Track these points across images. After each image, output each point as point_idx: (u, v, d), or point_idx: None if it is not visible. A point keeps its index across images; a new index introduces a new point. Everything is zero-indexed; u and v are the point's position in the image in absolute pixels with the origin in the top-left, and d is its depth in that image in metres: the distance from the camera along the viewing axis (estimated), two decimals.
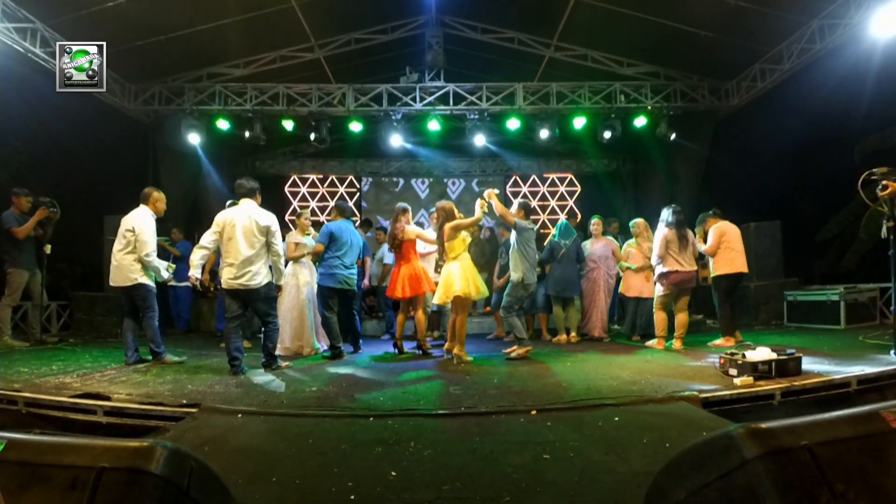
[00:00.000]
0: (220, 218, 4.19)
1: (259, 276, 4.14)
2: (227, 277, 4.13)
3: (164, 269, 4.62)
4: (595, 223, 6.27)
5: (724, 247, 5.20)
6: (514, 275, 4.82)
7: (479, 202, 4.71)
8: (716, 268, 5.26)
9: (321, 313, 5.10)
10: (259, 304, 4.22)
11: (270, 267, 4.32)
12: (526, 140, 10.17)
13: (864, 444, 1.09)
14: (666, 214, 5.14)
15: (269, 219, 4.23)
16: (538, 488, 1.89)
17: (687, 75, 7.86)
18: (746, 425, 1.14)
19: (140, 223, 4.43)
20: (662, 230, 5.11)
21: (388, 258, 6.54)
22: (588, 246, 6.20)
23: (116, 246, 4.48)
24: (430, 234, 5.39)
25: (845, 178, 6.14)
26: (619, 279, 6.47)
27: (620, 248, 6.32)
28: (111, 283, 4.59)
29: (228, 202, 4.80)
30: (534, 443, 2.38)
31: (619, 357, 4.75)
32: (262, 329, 4.36)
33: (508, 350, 5.07)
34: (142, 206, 4.56)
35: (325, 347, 5.31)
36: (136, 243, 4.39)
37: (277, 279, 4.37)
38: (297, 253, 5.21)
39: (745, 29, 6.40)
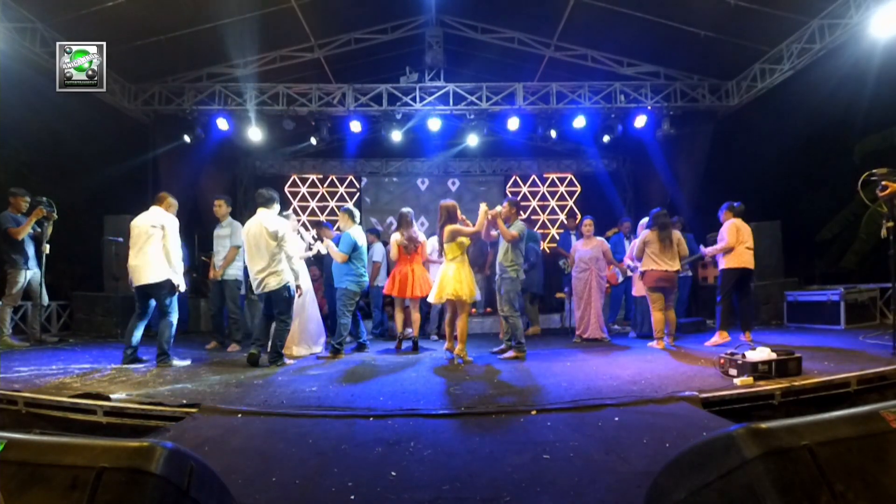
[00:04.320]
0: (244, 229, 4.69)
1: (277, 278, 4.49)
2: (252, 282, 4.60)
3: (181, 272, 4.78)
4: (587, 224, 6.23)
5: (739, 242, 5.26)
6: (512, 272, 4.77)
7: (483, 208, 4.72)
8: (726, 261, 5.30)
9: (341, 314, 5.11)
10: (277, 304, 4.57)
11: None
12: (526, 140, 10.19)
13: (864, 444, 1.09)
14: (652, 216, 5.33)
15: (278, 224, 4.53)
16: (538, 488, 1.89)
17: (687, 75, 7.86)
18: (746, 425, 1.14)
19: (169, 221, 4.51)
20: (643, 231, 5.34)
21: (377, 257, 6.73)
22: (579, 247, 6.19)
23: (140, 243, 4.41)
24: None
25: (845, 178, 6.15)
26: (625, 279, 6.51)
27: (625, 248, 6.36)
28: (136, 283, 4.44)
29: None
30: (534, 443, 2.38)
31: (619, 357, 4.75)
32: (274, 326, 4.65)
33: (498, 350, 5.09)
34: (157, 207, 4.59)
35: (319, 348, 5.39)
36: (166, 239, 4.44)
37: (295, 279, 4.61)
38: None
39: (745, 29, 6.39)
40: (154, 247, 4.42)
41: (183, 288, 4.65)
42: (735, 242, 5.24)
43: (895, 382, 3.30)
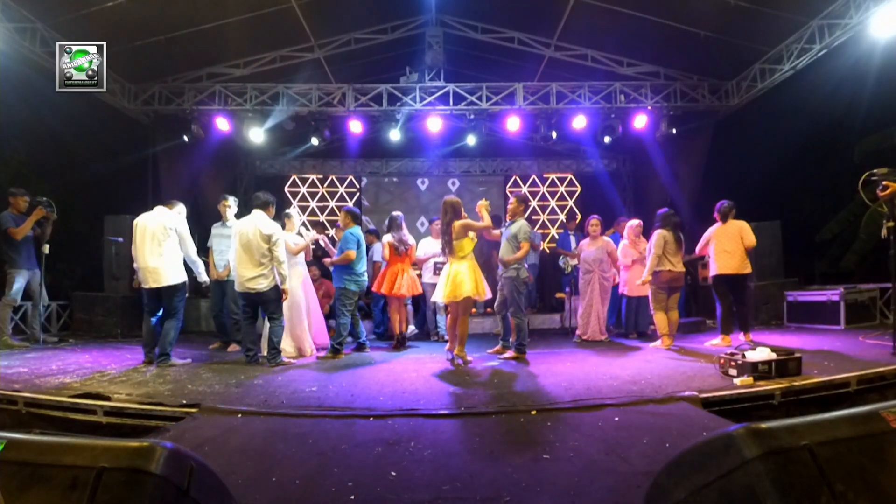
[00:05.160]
0: (236, 228, 4.67)
1: (266, 280, 4.55)
2: (239, 281, 4.58)
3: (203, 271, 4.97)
4: (594, 223, 6.19)
5: (715, 248, 5.25)
6: (512, 271, 4.75)
7: (481, 205, 4.74)
8: (711, 267, 5.33)
9: (340, 314, 5.12)
10: (267, 304, 4.65)
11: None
12: (526, 140, 10.19)
13: (864, 444, 1.09)
14: (662, 216, 5.30)
15: (272, 228, 4.58)
16: (538, 488, 1.89)
17: (687, 75, 7.86)
18: (746, 425, 1.14)
19: (180, 224, 4.59)
20: (659, 231, 5.25)
21: (377, 257, 6.74)
22: (585, 247, 6.18)
23: (155, 244, 4.42)
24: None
25: (845, 178, 6.15)
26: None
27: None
28: (153, 285, 4.44)
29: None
30: (534, 443, 2.38)
31: (619, 357, 4.75)
32: (268, 326, 4.71)
33: (494, 350, 5.08)
34: (165, 209, 4.65)
35: (320, 347, 5.39)
36: (181, 243, 4.55)
37: (281, 283, 4.66)
38: (296, 250, 5.25)
39: (745, 29, 6.39)
40: (171, 249, 4.49)
41: (204, 274, 4.93)
42: (702, 250, 5.30)
43: (895, 382, 3.30)
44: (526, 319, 4.87)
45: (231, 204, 5.74)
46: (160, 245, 4.43)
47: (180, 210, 4.80)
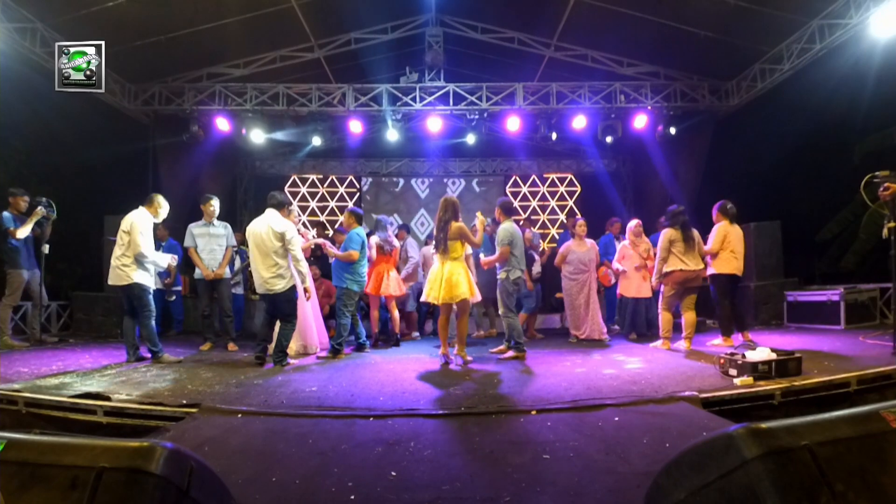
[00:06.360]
0: (248, 230, 4.61)
1: (283, 280, 4.48)
2: (258, 282, 4.54)
3: (166, 260, 4.88)
4: (580, 225, 6.18)
5: (725, 248, 5.20)
6: (503, 273, 4.77)
7: (478, 219, 4.74)
8: (714, 266, 5.26)
9: (342, 314, 5.11)
10: (281, 305, 4.56)
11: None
12: (526, 140, 10.20)
13: (864, 444, 1.09)
14: (670, 214, 5.18)
15: (284, 225, 4.52)
16: (538, 488, 1.89)
17: (687, 75, 7.86)
18: (746, 425, 1.14)
19: (135, 222, 4.51)
20: (665, 230, 5.15)
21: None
22: (574, 248, 6.12)
23: (118, 245, 4.56)
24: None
25: (845, 178, 6.15)
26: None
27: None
28: (109, 283, 4.66)
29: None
30: (534, 443, 2.38)
31: (619, 357, 4.75)
32: (279, 327, 4.65)
33: (496, 350, 5.08)
34: (141, 208, 4.65)
35: (322, 347, 5.39)
36: (129, 243, 4.47)
37: (303, 282, 4.63)
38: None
39: (745, 29, 6.40)
40: (122, 250, 4.51)
41: (165, 264, 4.86)
42: (719, 248, 5.14)
43: (895, 382, 3.30)
44: (517, 319, 4.89)
45: (216, 204, 5.71)
46: (119, 245, 4.50)
47: (160, 204, 4.75)
